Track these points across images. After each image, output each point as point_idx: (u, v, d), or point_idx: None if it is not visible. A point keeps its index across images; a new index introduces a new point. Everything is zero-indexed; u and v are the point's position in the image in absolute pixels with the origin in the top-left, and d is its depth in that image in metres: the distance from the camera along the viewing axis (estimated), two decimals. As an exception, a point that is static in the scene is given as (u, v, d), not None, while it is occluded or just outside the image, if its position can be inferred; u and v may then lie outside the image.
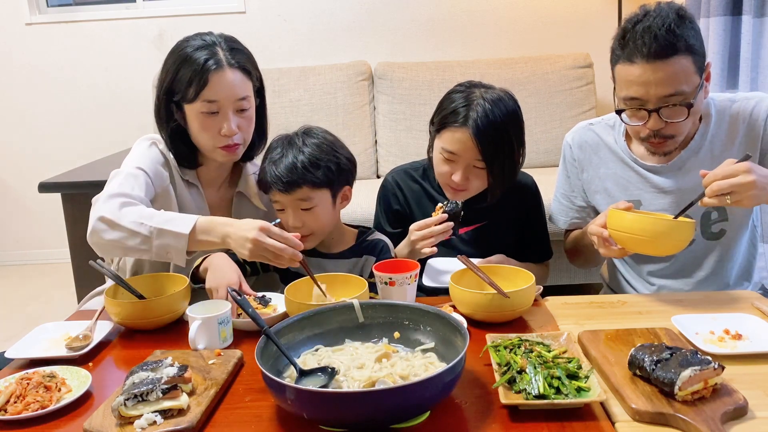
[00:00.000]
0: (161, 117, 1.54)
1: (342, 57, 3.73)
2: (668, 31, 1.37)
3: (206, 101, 1.45)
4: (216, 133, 1.49)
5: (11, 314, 3.37)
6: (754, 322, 1.24)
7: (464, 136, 1.55)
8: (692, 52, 1.40)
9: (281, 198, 1.51)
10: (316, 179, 1.49)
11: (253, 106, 1.55)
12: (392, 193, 1.78)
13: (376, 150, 3.55)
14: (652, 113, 1.43)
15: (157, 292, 1.45)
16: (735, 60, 2.64)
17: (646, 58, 1.38)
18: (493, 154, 1.56)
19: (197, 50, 1.46)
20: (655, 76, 1.38)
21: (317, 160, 1.50)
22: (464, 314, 1.33)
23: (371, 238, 1.64)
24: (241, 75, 1.48)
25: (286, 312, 1.35)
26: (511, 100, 1.61)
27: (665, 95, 1.40)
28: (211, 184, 1.65)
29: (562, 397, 0.98)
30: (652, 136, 1.48)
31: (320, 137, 1.55)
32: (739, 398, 0.97)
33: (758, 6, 2.54)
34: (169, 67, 1.49)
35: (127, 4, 3.90)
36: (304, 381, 1.05)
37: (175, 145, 1.56)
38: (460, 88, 1.63)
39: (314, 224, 1.52)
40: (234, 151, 1.53)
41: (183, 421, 0.97)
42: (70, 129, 3.98)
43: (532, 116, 3.43)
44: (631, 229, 1.35)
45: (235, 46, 1.51)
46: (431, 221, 1.55)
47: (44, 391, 1.07)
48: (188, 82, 1.45)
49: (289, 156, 1.49)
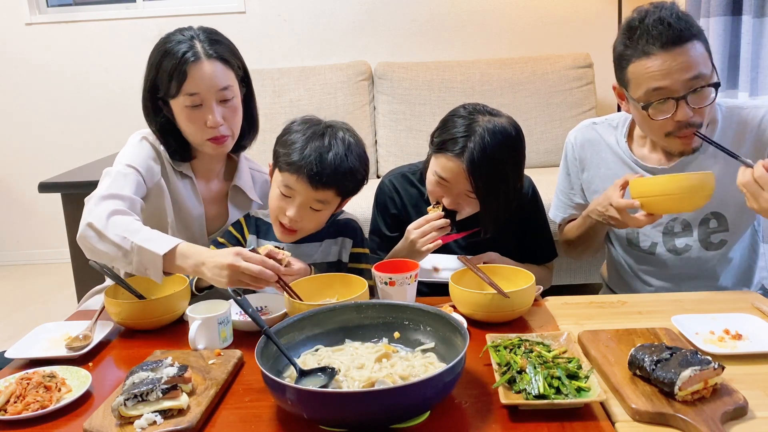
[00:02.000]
0: (149, 114, 1.55)
1: (342, 57, 3.73)
2: (679, 18, 1.38)
3: (188, 94, 1.46)
4: (202, 126, 1.49)
5: (11, 314, 3.37)
6: (754, 322, 1.24)
7: (458, 167, 1.50)
8: (702, 40, 1.42)
9: (302, 190, 1.42)
10: (346, 189, 1.46)
11: (238, 95, 1.54)
12: (389, 197, 1.76)
13: (376, 150, 3.55)
14: (680, 102, 1.41)
15: (157, 292, 1.45)
16: (735, 60, 2.65)
17: (663, 47, 1.38)
18: (487, 190, 1.51)
19: (176, 45, 1.46)
20: (676, 62, 1.38)
21: (355, 172, 1.45)
22: (464, 314, 1.33)
23: (341, 218, 1.62)
24: (220, 65, 1.48)
25: (286, 312, 1.35)
26: (514, 130, 1.53)
27: (690, 78, 1.39)
28: (205, 176, 1.65)
29: (562, 397, 0.98)
30: (683, 127, 1.44)
31: (361, 146, 1.49)
32: (739, 398, 0.97)
33: (758, 6, 2.54)
34: (152, 64, 1.50)
35: (127, 4, 3.90)
36: (304, 381, 1.04)
37: (165, 140, 1.56)
38: (464, 112, 1.55)
39: (311, 223, 1.49)
40: (222, 143, 1.53)
41: (183, 421, 0.97)
42: (70, 129, 3.99)
43: (532, 116, 3.43)
44: (663, 190, 1.38)
45: (214, 37, 1.50)
46: (429, 217, 1.54)
47: (44, 391, 1.07)
48: (169, 77, 1.45)
49: (334, 149, 1.42)
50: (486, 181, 1.50)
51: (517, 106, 3.41)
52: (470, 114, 1.54)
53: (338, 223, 1.60)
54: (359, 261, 1.60)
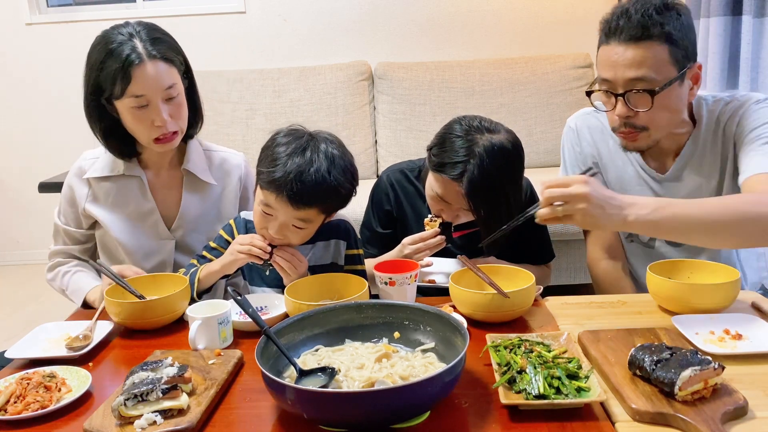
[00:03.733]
0: (92, 115, 1.55)
1: (342, 57, 3.73)
2: (644, 15, 1.35)
3: (134, 96, 1.46)
4: (150, 125, 1.49)
5: (11, 314, 3.37)
6: (754, 322, 1.24)
7: (457, 190, 1.50)
8: (670, 42, 1.36)
9: (282, 210, 1.37)
10: (330, 205, 1.41)
11: (182, 91, 1.54)
12: (385, 193, 1.76)
13: (376, 150, 3.55)
14: (619, 98, 1.40)
15: (157, 292, 1.45)
16: (735, 60, 2.64)
17: (618, 39, 1.37)
18: (486, 211, 1.51)
19: (118, 46, 1.45)
20: (623, 57, 1.37)
21: (340, 185, 1.38)
22: (464, 314, 1.33)
23: (332, 220, 1.53)
24: (163, 64, 1.48)
25: (286, 312, 1.34)
26: (513, 146, 1.52)
27: (630, 78, 1.37)
28: (156, 166, 1.66)
29: (562, 397, 0.98)
30: (622, 125, 1.44)
31: (346, 158, 1.42)
32: (739, 398, 0.97)
33: (758, 6, 2.54)
34: (92, 65, 1.48)
35: (127, 4, 3.91)
36: (304, 381, 1.04)
37: (109, 142, 1.57)
38: (461, 131, 1.51)
39: (295, 239, 1.44)
40: (171, 141, 1.54)
41: (183, 421, 0.97)
42: (70, 129, 3.98)
43: (532, 116, 3.43)
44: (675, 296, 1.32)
45: (154, 35, 1.50)
46: (425, 235, 1.54)
47: (44, 391, 1.07)
48: (113, 79, 1.44)
49: (314, 165, 1.35)
50: (485, 203, 1.50)
51: (517, 106, 3.41)
52: (467, 134, 1.50)
53: (330, 224, 1.53)
54: (354, 263, 1.58)
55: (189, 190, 1.67)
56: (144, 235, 1.64)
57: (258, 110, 3.47)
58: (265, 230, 1.42)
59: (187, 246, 1.67)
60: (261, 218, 1.42)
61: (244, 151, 1.86)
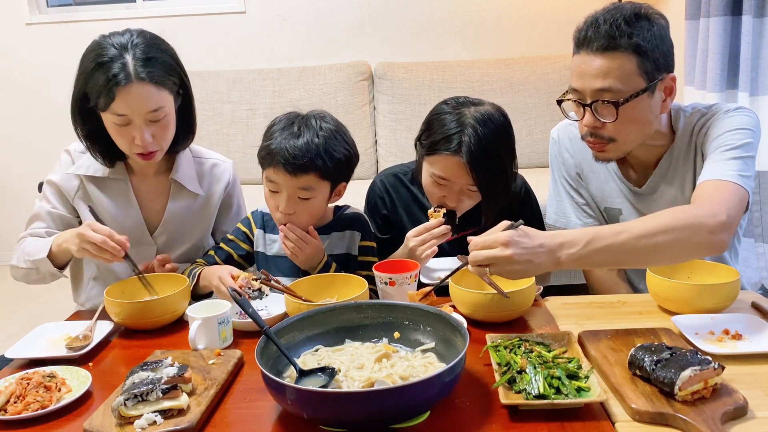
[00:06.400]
0: (77, 119, 1.53)
1: (342, 57, 3.73)
2: (612, 25, 1.33)
3: (116, 114, 1.43)
4: (131, 141, 1.46)
5: (11, 314, 3.37)
6: (754, 322, 1.24)
7: (457, 164, 1.50)
8: (639, 53, 1.34)
9: (283, 180, 1.45)
10: (326, 168, 1.45)
11: (170, 113, 1.49)
12: (380, 197, 1.75)
13: (376, 150, 3.55)
14: (586, 108, 1.40)
15: (157, 292, 1.45)
16: (735, 60, 2.64)
17: (587, 50, 1.37)
18: (488, 179, 1.52)
19: (107, 60, 1.40)
20: (590, 68, 1.36)
21: (332, 149, 1.45)
22: (464, 314, 1.33)
23: (348, 212, 1.64)
24: (151, 87, 1.42)
25: (286, 312, 1.35)
26: (501, 116, 1.55)
27: (597, 89, 1.36)
28: (142, 172, 1.64)
29: (562, 397, 0.98)
30: (589, 135, 1.44)
31: (334, 124, 1.51)
32: (739, 398, 0.97)
33: (758, 6, 2.54)
34: (82, 72, 1.45)
35: (127, 4, 3.90)
36: (304, 381, 1.04)
37: (93, 146, 1.56)
38: (448, 108, 1.56)
39: (304, 215, 1.49)
40: (150, 158, 1.50)
41: (183, 421, 0.97)
42: (70, 129, 3.97)
43: (532, 116, 3.43)
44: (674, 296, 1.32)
45: (150, 53, 1.43)
46: (429, 225, 1.54)
47: (44, 391, 1.08)
48: (97, 92, 1.41)
49: (305, 135, 1.44)
50: (486, 171, 1.51)
51: (517, 106, 3.41)
52: (455, 108, 1.54)
53: (345, 216, 1.62)
54: (368, 254, 1.62)
55: (175, 198, 1.65)
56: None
57: (258, 110, 3.46)
58: (277, 211, 1.49)
59: (169, 251, 1.65)
60: (270, 198, 1.50)
61: (243, 151, 1.86)
